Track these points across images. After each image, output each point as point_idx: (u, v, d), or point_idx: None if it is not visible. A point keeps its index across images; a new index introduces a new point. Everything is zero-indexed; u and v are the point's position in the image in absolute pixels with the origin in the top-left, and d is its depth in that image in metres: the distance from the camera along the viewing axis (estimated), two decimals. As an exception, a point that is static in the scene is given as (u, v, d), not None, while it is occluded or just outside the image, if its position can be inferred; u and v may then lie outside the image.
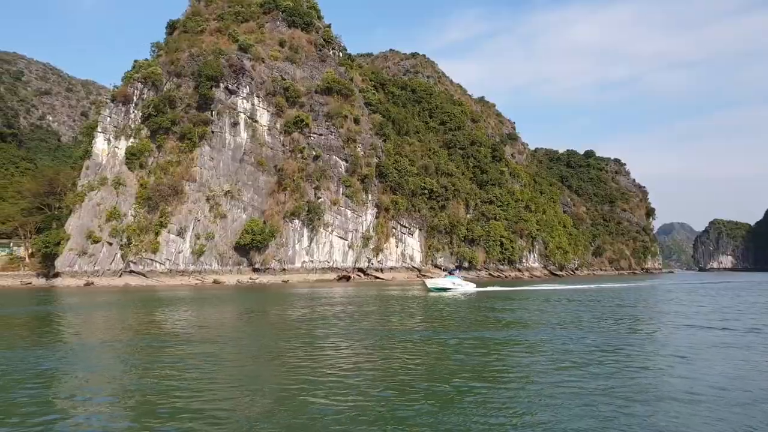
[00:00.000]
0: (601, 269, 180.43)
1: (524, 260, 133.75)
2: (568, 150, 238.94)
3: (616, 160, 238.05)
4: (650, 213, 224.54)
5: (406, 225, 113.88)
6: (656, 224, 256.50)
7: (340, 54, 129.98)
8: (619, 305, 42.98)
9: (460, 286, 60.56)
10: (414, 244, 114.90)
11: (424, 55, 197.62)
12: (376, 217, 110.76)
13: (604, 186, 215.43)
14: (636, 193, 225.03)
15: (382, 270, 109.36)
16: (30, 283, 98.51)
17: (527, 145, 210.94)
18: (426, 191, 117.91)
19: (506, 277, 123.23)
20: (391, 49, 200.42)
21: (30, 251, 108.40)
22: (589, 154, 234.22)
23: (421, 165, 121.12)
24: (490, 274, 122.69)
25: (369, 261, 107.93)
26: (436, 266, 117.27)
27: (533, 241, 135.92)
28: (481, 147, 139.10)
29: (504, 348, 21.12)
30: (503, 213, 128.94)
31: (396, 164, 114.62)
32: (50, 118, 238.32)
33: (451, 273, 69.41)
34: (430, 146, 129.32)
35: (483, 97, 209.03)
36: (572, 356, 18.97)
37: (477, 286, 65.81)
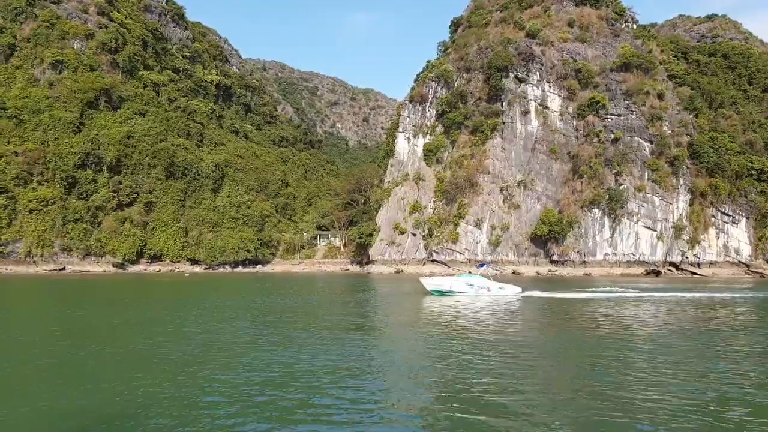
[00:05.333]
0: None
1: None
2: None
3: None
4: None
5: (729, 213, 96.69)
6: None
7: (634, 26, 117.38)
8: None
9: (485, 288, 40.38)
10: (740, 236, 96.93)
11: (724, 16, 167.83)
12: (690, 204, 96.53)
13: None
14: None
15: (699, 265, 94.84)
16: (348, 270, 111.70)
17: None
18: (753, 172, 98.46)
19: None
20: (680, 15, 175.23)
21: (344, 241, 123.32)
22: None
23: (744, 141, 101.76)
24: None
25: (683, 254, 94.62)
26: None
27: None
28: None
29: None
30: None
31: (712, 142, 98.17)
32: (339, 126, 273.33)
33: (479, 267, 47.37)
34: (754, 118, 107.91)
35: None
36: None
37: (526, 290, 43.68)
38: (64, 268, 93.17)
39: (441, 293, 41.03)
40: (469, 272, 47.37)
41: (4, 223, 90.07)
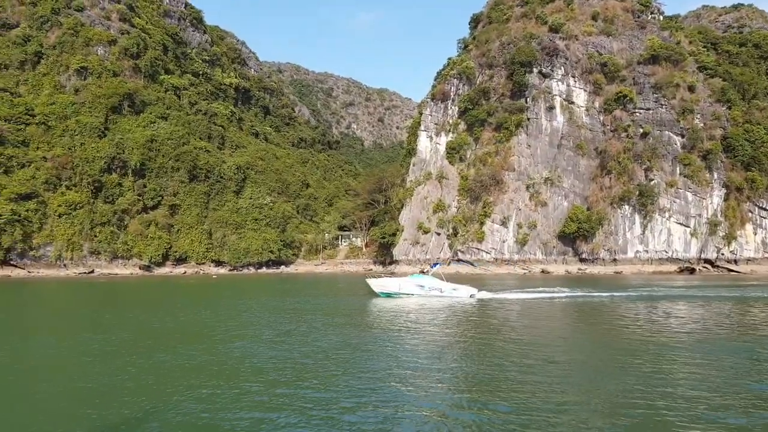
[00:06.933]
0: None
1: None
2: None
3: None
4: None
5: (767, 207, 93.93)
6: None
7: (661, 17, 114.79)
8: None
9: (437, 290, 37.08)
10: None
11: (750, 5, 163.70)
12: (726, 199, 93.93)
13: None
14: None
15: (736, 261, 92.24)
16: (371, 270, 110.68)
17: None
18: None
19: None
20: (704, 6, 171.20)
21: (365, 241, 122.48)
22: None
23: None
24: None
25: (718, 251, 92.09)
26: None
27: None
28: None
29: None
30: None
31: (747, 134, 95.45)
32: (354, 127, 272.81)
33: (433, 267, 43.05)
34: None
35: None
36: None
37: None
38: (93, 271, 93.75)
39: (388, 295, 37.27)
40: (422, 272, 44.08)
41: (36, 228, 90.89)
